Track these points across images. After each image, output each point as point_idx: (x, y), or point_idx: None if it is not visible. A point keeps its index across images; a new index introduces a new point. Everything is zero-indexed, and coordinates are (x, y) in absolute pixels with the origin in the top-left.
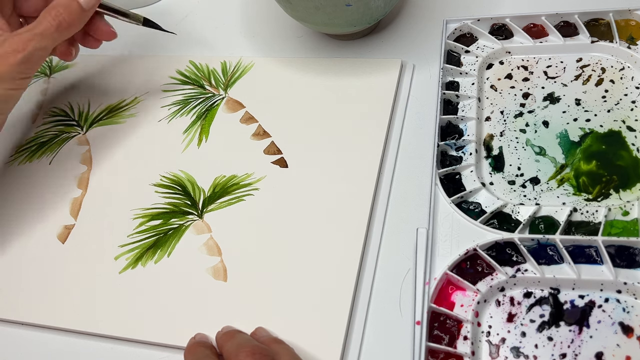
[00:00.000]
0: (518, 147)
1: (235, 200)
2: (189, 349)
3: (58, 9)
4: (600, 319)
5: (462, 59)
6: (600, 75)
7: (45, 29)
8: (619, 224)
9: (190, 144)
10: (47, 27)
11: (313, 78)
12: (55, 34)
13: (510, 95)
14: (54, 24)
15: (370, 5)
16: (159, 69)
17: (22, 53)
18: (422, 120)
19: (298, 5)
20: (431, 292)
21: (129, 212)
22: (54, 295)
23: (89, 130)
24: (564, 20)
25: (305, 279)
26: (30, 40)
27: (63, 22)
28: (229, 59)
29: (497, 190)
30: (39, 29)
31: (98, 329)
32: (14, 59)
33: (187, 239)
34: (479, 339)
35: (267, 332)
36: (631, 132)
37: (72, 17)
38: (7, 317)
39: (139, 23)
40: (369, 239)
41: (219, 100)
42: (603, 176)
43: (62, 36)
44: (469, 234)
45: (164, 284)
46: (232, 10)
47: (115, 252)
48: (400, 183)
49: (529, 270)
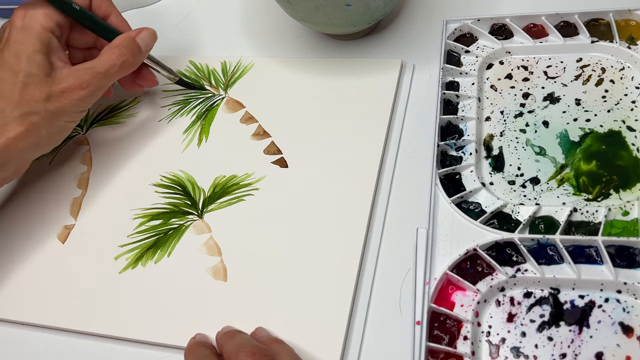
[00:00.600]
0: (518, 147)
1: (235, 200)
2: (189, 349)
3: (122, 49)
4: (600, 319)
5: (462, 59)
6: (600, 75)
7: (110, 67)
8: (619, 224)
9: (190, 144)
10: (112, 65)
11: (313, 78)
12: (118, 74)
13: (510, 95)
14: (117, 63)
15: (370, 5)
16: None
17: (86, 90)
18: (422, 120)
19: (298, 5)
20: (431, 292)
21: (129, 212)
22: (54, 295)
23: (89, 130)
24: (564, 20)
25: (305, 279)
26: (94, 77)
27: (127, 61)
28: (229, 59)
29: (497, 190)
30: (104, 67)
31: (98, 329)
32: (77, 95)
33: (187, 239)
34: (479, 339)
35: (267, 332)
36: (631, 132)
37: (134, 58)
38: (7, 317)
39: (172, 81)
40: (369, 239)
41: (219, 100)
42: (603, 176)
43: (122, 75)
44: (469, 234)
45: (164, 284)
46: (232, 10)
47: (115, 252)
48: (400, 183)
49: (529, 270)
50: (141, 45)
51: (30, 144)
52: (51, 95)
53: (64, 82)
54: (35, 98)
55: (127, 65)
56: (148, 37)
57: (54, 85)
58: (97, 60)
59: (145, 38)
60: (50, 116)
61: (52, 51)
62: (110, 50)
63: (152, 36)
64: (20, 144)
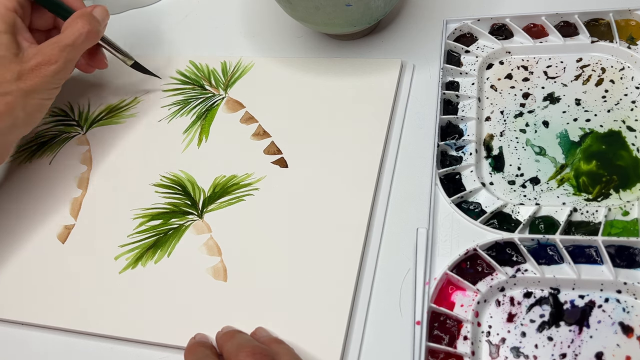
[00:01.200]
0: (518, 147)
1: (235, 200)
2: (189, 349)
3: (84, 19)
4: (600, 319)
5: (462, 59)
6: (600, 75)
7: (77, 38)
8: (619, 224)
9: (190, 144)
10: (78, 35)
11: (313, 78)
12: (85, 43)
13: (510, 95)
14: (84, 33)
15: (370, 5)
16: (159, 69)
17: (55, 64)
18: (422, 120)
19: (298, 5)
20: (431, 292)
21: (129, 212)
22: (54, 295)
23: (89, 130)
24: (564, 20)
25: (305, 279)
26: (62, 51)
27: (91, 31)
28: (229, 59)
29: (497, 190)
30: (70, 38)
31: (98, 329)
32: (47, 71)
33: (187, 239)
34: (479, 339)
35: (267, 332)
36: (631, 132)
37: (96, 30)
38: (7, 317)
39: (128, 63)
40: (369, 239)
41: (219, 100)
42: (603, 176)
43: (89, 45)
44: (469, 234)
45: (164, 284)
46: (232, 10)
47: (115, 252)
48: (400, 183)
49: (529, 270)
50: (99, 19)
51: (7, 126)
52: (22, 74)
53: (33, 60)
54: (6, 79)
55: (92, 35)
56: (103, 12)
57: (24, 64)
58: (62, 35)
59: (100, 13)
60: (23, 95)
61: (18, 31)
62: (74, 22)
63: (105, 12)
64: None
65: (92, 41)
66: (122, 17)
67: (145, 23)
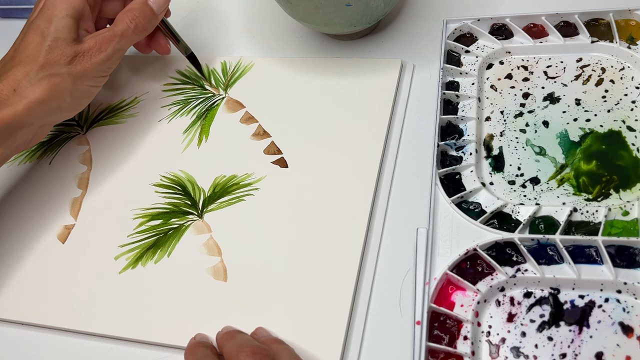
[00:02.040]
0: (518, 147)
1: (235, 200)
2: (189, 349)
3: (134, 12)
4: (600, 319)
5: (462, 59)
6: (600, 75)
7: (124, 30)
8: (619, 224)
9: (190, 144)
10: (125, 28)
11: (313, 78)
12: (133, 36)
13: (510, 95)
14: (131, 26)
15: (370, 5)
16: (159, 69)
17: (104, 52)
18: (422, 120)
19: (298, 5)
20: (431, 292)
21: (129, 212)
22: (54, 295)
23: (89, 130)
24: (564, 20)
25: (305, 279)
26: (110, 40)
27: (139, 24)
28: (229, 59)
29: (497, 190)
30: (118, 30)
31: (98, 329)
32: (97, 58)
33: (187, 239)
34: (479, 339)
35: (267, 332)
36: (631, 132)
37: (146, 20)
38: (7, 317)
39: (184, 54)
40: (369, 239)
41: (219, 100)
42: (603, 176)
43: (138, 38)
44: (469, 234)
45: (164, 284)
46: (232, 10)
47: (115, 252)
48: (400, 183)
49: (529, 270)
50: (154, 8)
51: (53, 107)
52: (74, 58)
53: (86, 45)
54: (60, 61)
55: (140, 28)
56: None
57: (78, 49)
58: (113, 25)
59: (158, 1)
60: (73, 79)
61: (83, 18)
62: (124, 14)
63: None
64: (43, 106)
65: (140, 34)
66: None
67: None
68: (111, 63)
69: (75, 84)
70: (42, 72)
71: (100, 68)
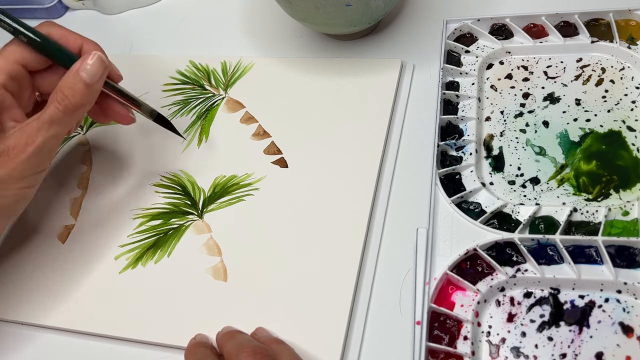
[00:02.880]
0: (518, 147)
1: (235, 200)
2: (189, 349)
3: (63, 90)
4: (600, 319)
5: (462, 59)
6: (600, 75)
7: (54, 114)
8: (619, 224)
9: (190, 144)
10: (55, 112)
11: (313, 78)
12: (65, 118)
13: (510, 95)
14: (60, 108)
15: (370, 5)
16: (159, 69)
17: (32, 146)
18: (422, 120)
19: (298, 5)
20: (431, 292)
21: (129, 212)
22: (54, 295)
23: (89, 130)
24: (564, 20)
25: (305, 279)
26: (39, 130)
27: (69, 105)
28: (229, 59)
29: (497, 190)
30: (47, 115)
31: (98, 329)
32: (23, 155)
33: (187, 239)
34: (479, 339)
35: (267, 332)
36: (631, 132)
37: (79, 98)
38: (7, 317)
39: (150, 118)
40: (369, 239)
41: (219, 100)
42: (603, 176)
43: (73, 119)
44: (469, 234)
45: (164, 284)
46: (232, 10)
47: (115, 252)
48: (400, 183)
49: (529, 270)
50: (86, 79)
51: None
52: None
53: (9, 142)
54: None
55: (71, 107)
56: (94, 66)
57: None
58: (42, 111)
59: (90, 69)
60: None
61: (4, 110)
62: (54, 94)
63: (99, 63)
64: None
65: (75, 114)
66: (122, 17)
67: (145, 23)
68: (44, 156)
69: (2, 190)
70: None
71: (30, 165)
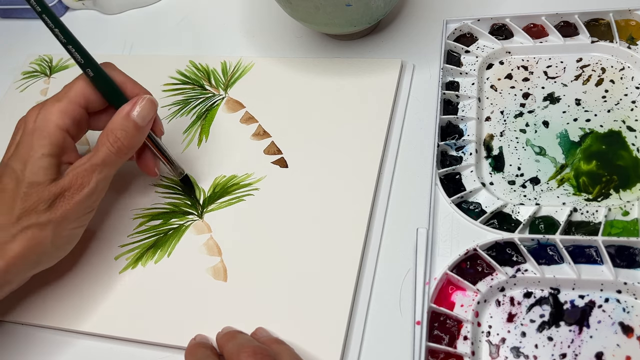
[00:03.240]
0: (518, 147)
1: (235, 200)
2: (190, 350)
3: (115, 133)
4: (600, 319)
5: (462, 59)
6: (600, 75)
7: (106, 156)
8: (619, 224)
9: (190, 144)
10: (107, 154)
11: (313, 78)
12: (117, 160)
13: (510, 95)
14: (113, 150)
15: (370, 5)
16: (159, 69)
17: (87, 187)
18: (422, 120)
19: (298, 5)
20: (431, 292)
21: (129, 212)
22: (54, 296)
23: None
24: (564, 20)
25: (305, 279)
26: (92, 172)
27: (122, 147)
28: (229, 59)
29: (497, 190)
30: (99, 157)
31: (98, 329)
32: (79, 196)
33: (187, 239)
34: (479, 339)
35: (267, 332)
36: (631, 132)
37: (130, 138)
38: (7, 317)
39: (177, 177)
40: (369, 239)
41: (219, 100)
42: (603, 176)
43: (123, 159)
44: (469, 234)
45: (164, 284)
46: (232, 10)
47: (115, 252)
48: (400, 183)
49: (529, 270)
50: (137, 121)
51: (33, 262)
52: (53, 202)
53: (65, 183)
54: (37, 209)
55: (124, 150)
56: (145, 109)
57: (56, 190)
58: (93, 152)
59: (141, 111)
60: (54, 227)
61: (63, 152)
62: (104, 136)
63: (150, 106)
64: (21, 263)
65: (126, 156)
66: (122, 17)
67: (145, 23)
68: (96, 197)
69: (57, 230)
70: (18, 225)
71: (84, 206)
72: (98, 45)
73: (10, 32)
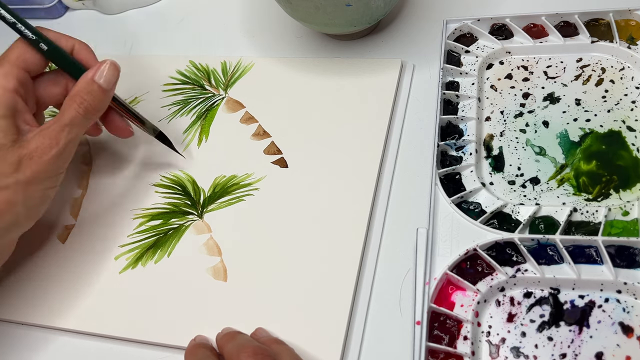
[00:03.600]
0: (518, 147)
1: (235, 200)
2: (190, 350)
3: (81, 95)
4: (600, 319)
5: (462, 59)
6: (600, 75)
7: (74, 117)
8: (619, 224)
9: (190, 144)
10: (75, 115)
11: (313, 78)
12: (84, 121)
13: (510, 95)
14: (80, 111)
15: (370, 5)
16: (159, 69)
17: (56, 148)
18: (422, 120)
19: (298, 5)
20: (431, 292)
21: (129, 212)
22: (54, 295)
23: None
24: (564, 20)
25: (305, 279)
26: (60, 132)
27: (89, 107)
28: (229, 59)
29: (497, 190)
30: (67, 118)
31: (98, 329)
32: (47, 157)
33: (187, 239)
34: (479, 339)
35: (267, 332)
36: (631, 132)
37: (96, 101)
38: (7, 317)
39: (152, 134)
40: (369, 239)
41: (219, 100)
42: (603, 176)
43: (90, 121)
44: (469, 234)
45: (164, 284)
46: (232, 10)
47: (115, 252)
48: (400, 183)
49: (529, 270)
50: (103, 85)
51: (7, 225)
52: (20, 162)
53: (32, 145)
54: (3, 171)
55: (91, 110)
56: (108, 72)
57: (22, 151)
58: (60, 114)
59: (105, 75)
60: (24, 187)
61: (18, 114)
62: (71, 99)
63: (112, 70)
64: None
65: (92, 117)
66: (122, 17)
67: (145, 23)
68: (66, 157)
69: (27, 191)
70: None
71: (54, 166)
72: (98, 45)
73: (10, 32)
